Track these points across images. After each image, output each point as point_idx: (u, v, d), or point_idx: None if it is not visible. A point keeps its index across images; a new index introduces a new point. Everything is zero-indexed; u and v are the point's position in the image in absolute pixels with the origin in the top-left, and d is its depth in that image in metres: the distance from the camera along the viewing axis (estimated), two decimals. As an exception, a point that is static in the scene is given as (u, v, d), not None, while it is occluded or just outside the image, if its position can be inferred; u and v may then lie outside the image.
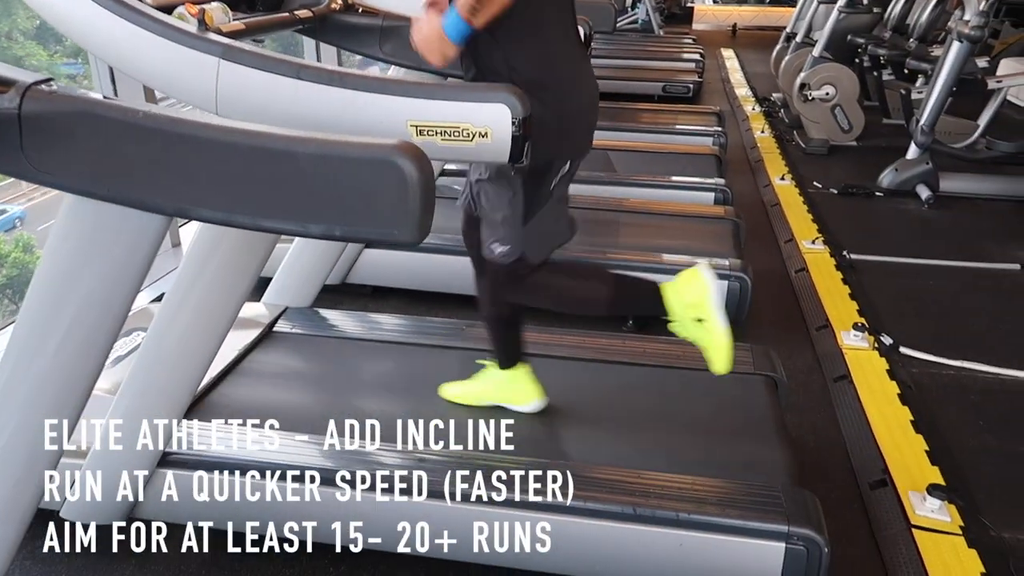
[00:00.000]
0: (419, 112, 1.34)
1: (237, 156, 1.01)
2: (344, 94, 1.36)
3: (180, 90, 1.45)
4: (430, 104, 1.34)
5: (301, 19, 1.95)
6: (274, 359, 2.25)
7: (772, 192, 4.38)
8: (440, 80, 2.21)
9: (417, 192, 0.99)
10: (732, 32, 11.30)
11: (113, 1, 1.38)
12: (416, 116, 1.34)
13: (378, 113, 1.36)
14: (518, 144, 1.35)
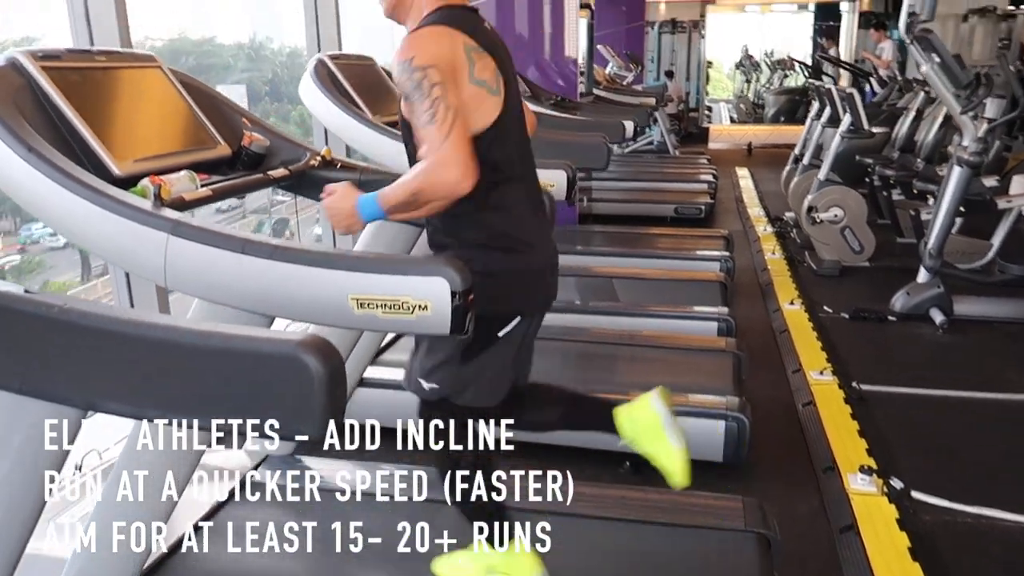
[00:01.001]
0: (359, 286, 1.34)
1: (144, 349, 1.01)
2: (287, 268, 1.36)
3: (131, 263, 1.47)
4: (370, 278, 1.33)
5: (276, 179, 2.00)
6: (249, 515, 2.17)
7: (781, 318, 4.31)
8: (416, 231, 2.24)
9: (322, 388, 0.97)
10: (748, 151, 11.51)
11: (65, 176, 1.42)
12: (357, 290, 1.34)
13: (320, 287, 1.36)
14: (458, 316, 1.33)
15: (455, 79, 1.54)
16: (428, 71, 1.52)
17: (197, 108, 2.02)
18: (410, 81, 1.53)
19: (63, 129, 1.65)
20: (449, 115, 1.50)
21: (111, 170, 1.65)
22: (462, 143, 1.50)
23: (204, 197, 1.70)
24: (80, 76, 1.75)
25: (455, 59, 1.56)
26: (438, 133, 1.49)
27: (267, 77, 28.69)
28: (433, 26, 1.61)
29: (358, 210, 1.59)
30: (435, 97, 1.50)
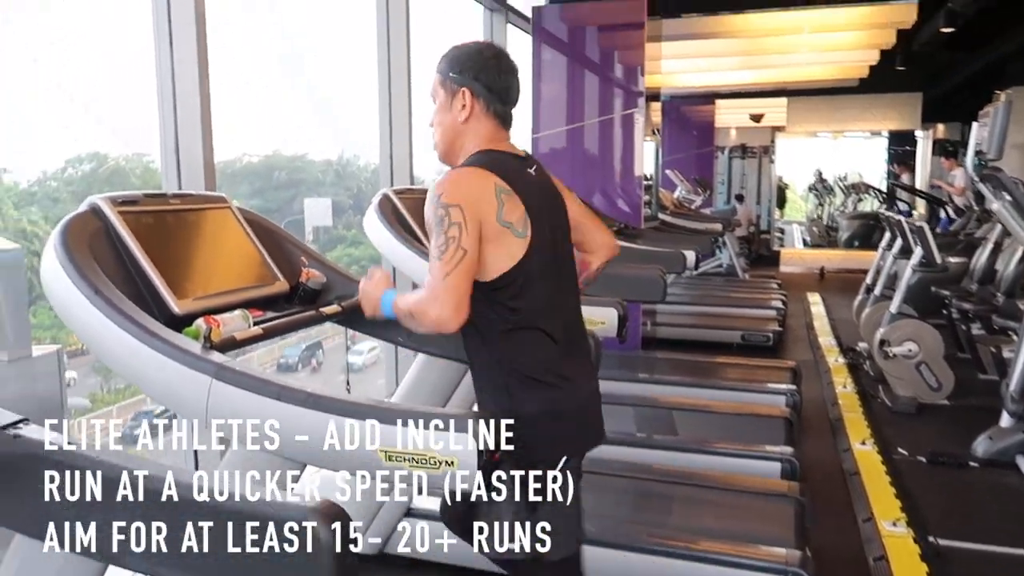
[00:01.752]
0: (388, 438, 1.34)
1: (160, 507, 1.02)
2: (319, 417, 1.39)
3: (176, 404, 1.52)
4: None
5: (327, 315, 2.06)
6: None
7: (852, 459, 4.09)
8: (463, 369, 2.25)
9: (332, 556, 0.96)
10: (820, 275, 11.32)
11: (122, 316, 1.50)
12: (385, 442, 1.34)
13: (351, 438, 1.37)
14: (487, 472, 1.31)
15: (478, 219, 1.64)
16: (451, 209, 1.63)
17: (260, 245, 2.13)
18: (434, 215, 1.65)
19: (132, 269, 1.76)
20: (457, 255, 1.60)
21: (171, 309, 1.74)
22: (459, 285, 1.60)
23: (255, 336, 1.76)
24: (153, 219, 1.88)
25: (483, 199, 1.66)
26: (441, 270, 1.60)
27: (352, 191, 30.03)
28: (469, 167, 1.74)
29: (382, 301, 1.78)
30: (450, 236, 1.60)
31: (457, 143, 1.82)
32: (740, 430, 3.96)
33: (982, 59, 10.22)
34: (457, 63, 1.79)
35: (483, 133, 1.80)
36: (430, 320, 1.60)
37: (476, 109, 1.78)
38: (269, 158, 34.52)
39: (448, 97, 1.80)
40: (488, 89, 1.78)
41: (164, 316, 1.70)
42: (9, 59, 5.99)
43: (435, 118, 1.85)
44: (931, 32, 8.69)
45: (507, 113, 1.84)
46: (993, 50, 9.78)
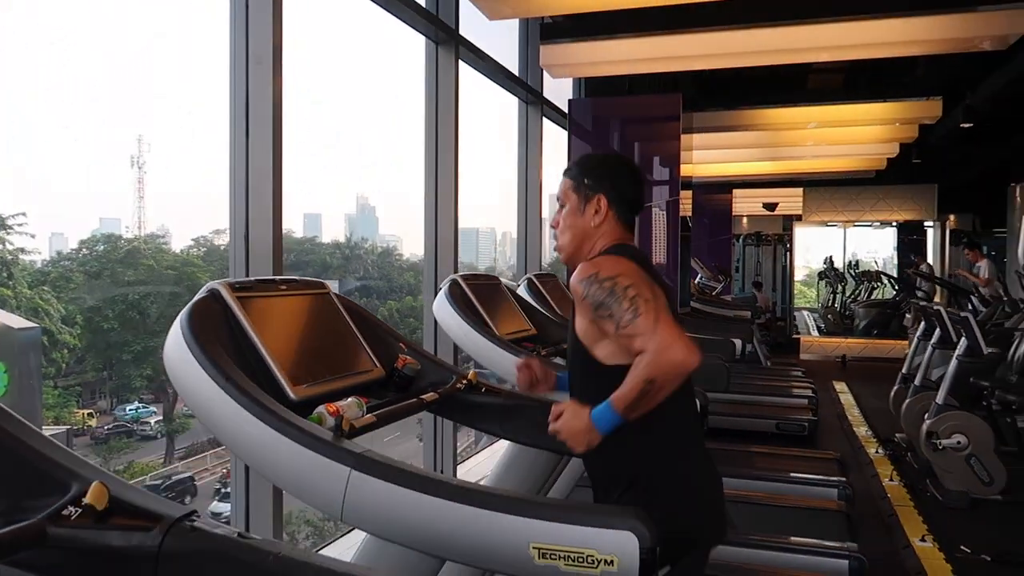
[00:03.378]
0: (542, 534, 1.30)
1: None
2: (468, 511, 1.35)
3: (309, 494, 1.49)
4: (554, 527, 1.30)
5: (427, 402, 2.04)
6: None
7: (915, 557, 3.97)
8: (556, 459, 2.21)
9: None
10: (842, 363, 11.26)
11: (255, 404, 1.49)
12: (539, 538, 1.30)
13: (501, 533, 1.33)
14: (646, 573, 1.26)
15: (652, 292, 1.63)
16: (617, 278, 1.63)
17: (358, 332, 2.13)
18: (600, 290, 1.63)
19: (249, 354, 1.75)
20: (651, 305, 1.58)
21: (288, 395, 1.72)
22: (673, 324, 1.57)
23: (370, 424, 1.74)
24: (266, 304, 1.89)
25: (636, 275, 1.67)
26: (646, 321, 1.56)
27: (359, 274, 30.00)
28: (610, 255, 1.77)
29: (594, 422, 1.63)
30: (632, 296, 1.59)
31: (586, 245, 1.85)
32: (798, 524, 3.85)
33: (995, 153, 10.46)
34: (594, 170, 1.86)
35: (612, 234, 1.85)
36: (675, 365, 1.54)
37: (609, 215, 1.83)
38: (280, 240, 33.92)
39: (581, 201, 1.85)
40: (622, 198, 1.84)
41: (281, 402, 1.68)
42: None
43: (564, 220, 1.88)
44: (949, 127, 8.92)
45: (633, 222, 1.90)
46: (1006, 144, 10.02)
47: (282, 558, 1.04)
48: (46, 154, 25.04)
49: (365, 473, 1.42)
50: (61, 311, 16.56)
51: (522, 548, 1.31)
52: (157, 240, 20.75)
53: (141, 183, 29.12)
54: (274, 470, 1.51)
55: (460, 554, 1.39)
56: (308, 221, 52.02)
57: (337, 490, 1.43)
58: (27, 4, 20.93)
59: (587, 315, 1.69)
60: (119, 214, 24.71)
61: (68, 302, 16.83)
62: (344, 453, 1.45)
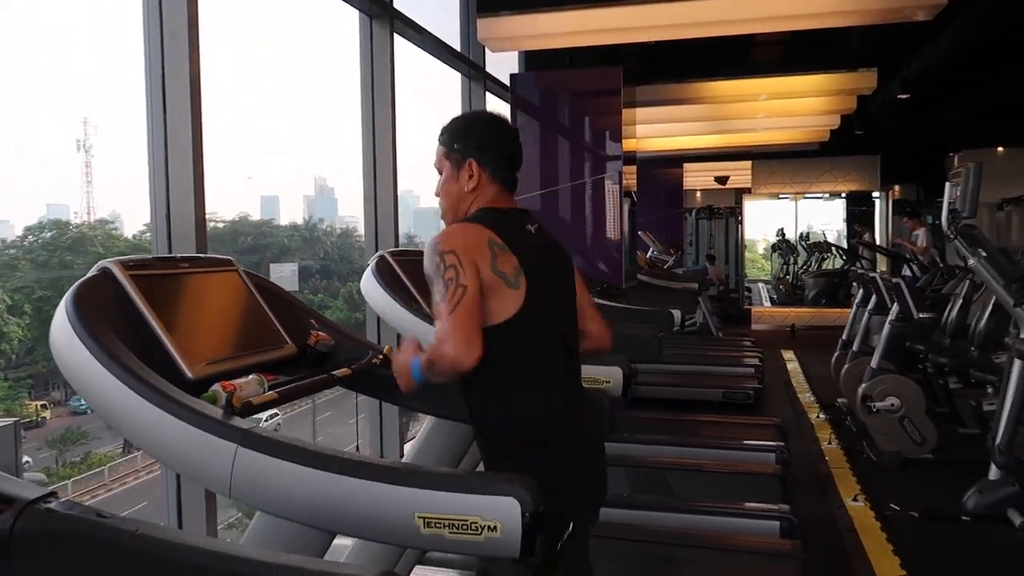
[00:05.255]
0: (427, 504, 1.30)
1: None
2: (354, 483, 1.34)
3: (197, 472, 1.46)
4: (438, 496, 1.30)
5: (339, 378, 2.02)
6: None
7: (846, 515, 4.08)
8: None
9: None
10: (791, 332, 11.48)
11: (138, 381, 1.46)
12: (424, 508, 1.30)
13: (386, 504, 1.32)
14: (529, 539, 1.27)
15: (474, 264, 1.66)
16: (446, 256, 1.66)
17: (268, 309, 2.10)
18: (432, 265, 1.67)
19: (143, 333, 1.70)
20: (457, 293, 1.61)
21: (184, 374, 1.69)
22: (464, 320, 1.60)
23: (270, 400, 1.71)
24: (163, 282, 1.84)
25: (477, 249, 1.69)
26: (444, 308, 1.61)
27: (319, 255, 29.56)
28: (463, 223, 1.79)
29: (412, 369, 1.72)
30: (448, 278, 1.63)
31: (462, 208, 1.85)
32: (734, 489, 3.92)
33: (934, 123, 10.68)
34: (461, 135, 1.84)
35: (487, 197, 1.84)
36: (447, 361, 1.60)
37: (483, 178, 1.82)
38: (235, 223, 33.94)
39: (454, 168, 1.84)
40: (493, 158, 1.83)
41: (177, 381, 1.65)
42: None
43: (442, 188, 1.88)
44: (887, 98, 9.07)
45: (512, 178, 1.88)
46: (944, 114, 10.23)
47: (139, 536, 1.02)
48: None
49: (251, 449, 1.40)
50: (7, 300, 16.11)
51: (408, 518, 1.31)
52: (107, 226, 20.23)
53: (88, 167, 28.26)
54: (162, 450, 1.48)
55: (347, 527, 1.38)
56: (265, 204, 51.08)
57: (224, 467, 1.40)
58: (-43, -16, 20.14)
59: None
60: (67, 200, 24.02)
61: (14, 291, 16.36)
62: (230, 429, 1.42)
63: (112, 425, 1.53)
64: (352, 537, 1.44)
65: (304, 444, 1.41)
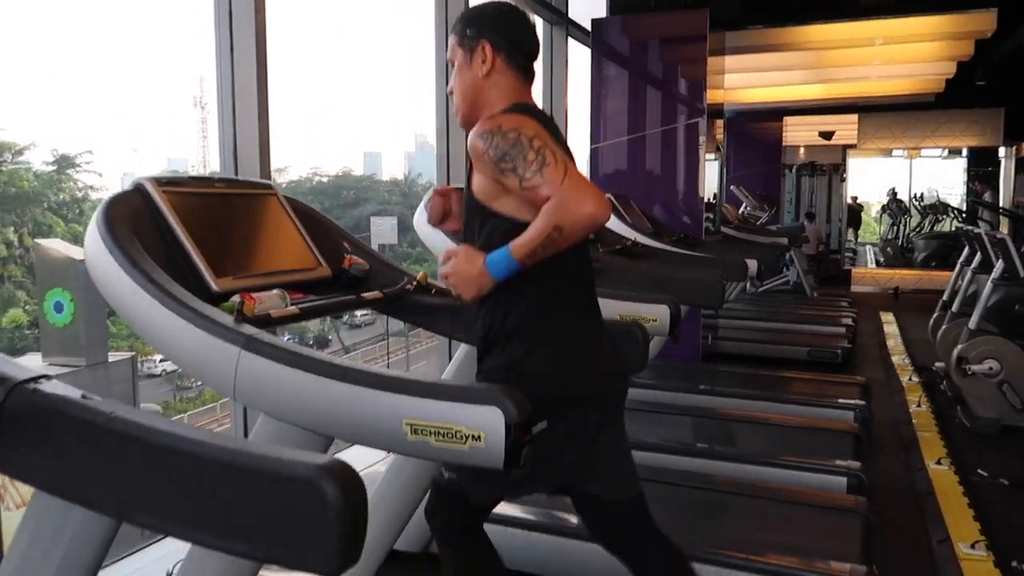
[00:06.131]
0: (414, 411, 1.29)
1: (169, 461, 0.99)
2: (345, 388, 1.35)
3: (206, 375, 1.51)
4: (424, 403, 1.29)
5: (368, 301, 2.03)
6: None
7: (926, 478, 3.85)
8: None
9: (339, 520, 0.90)
10: (894, 295, 10.87)
11: (155, 287, 1.50)
12: (411, 415, 1.29)
13: (376, 409, 1.32)
14: (513, 450, 1.24)
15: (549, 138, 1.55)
16: (522, 130, 1.54)
17: (305, 232, 2.12)
18: (504, 141, 1.53)
19: (172, 247, 1.76)
20: (559, 156, 1.50)
21: (210, 286, 1.73)
22: (583, 177, 1.51)
23: (291, 315, 1.74)
24: (197, 201, 1.89)
25: (543, 130, 1.58)
26: (554, 172, 1.49)
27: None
28: (511, 113, 1.66)
29: (488, 268, 1.58)
30: (538, 147, 1.51)
31: (480, 99, 1.72)
32: (805, 444, 3.77)
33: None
34: (473, 20, 1.73)
35: (506, 87, 1.72)
36: (585, 216, 1.45)
37: (498, 62, 1.70)
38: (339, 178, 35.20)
39: (467, 55, 1.72)
40: (508, 40, 1.71)
41: (203, 294, 1.69)
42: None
43: (456, 81, 1.76)
44: (1013, 43, 8.30)
45: (529, 65, 1.76)
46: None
47: (113, 416, 1.05)
48: (118, 97, 25.63)
49: (253, 353, 1.42)
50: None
51: (396, 424, 1.30)
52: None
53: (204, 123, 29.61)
54: (175, 352, 1.53)
55: (340, 431, 1.40)
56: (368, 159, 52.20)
57: (229, 369, 1.44)
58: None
59: (488, 171, 1.58)
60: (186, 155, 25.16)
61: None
62: (235, 334, 1.45)
63: (134, 329, 1.59)
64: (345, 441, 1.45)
65: (304, 351, 1.42)
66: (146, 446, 1.02)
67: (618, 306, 2.47)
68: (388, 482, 2.38)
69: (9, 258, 20.03)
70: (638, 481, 1.79)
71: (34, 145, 24.76)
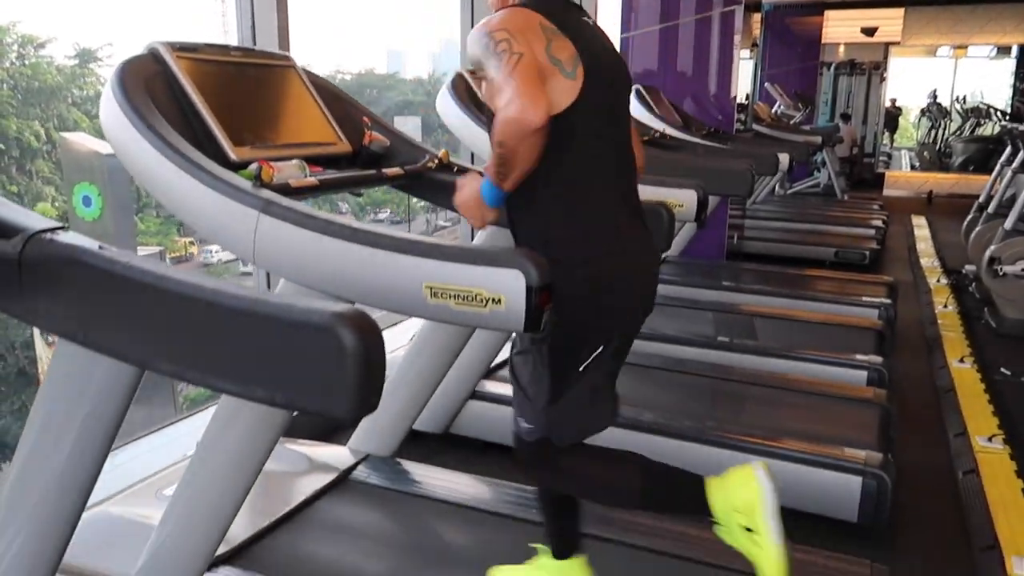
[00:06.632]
0: (434, 274, 1.28)
1: (185, 309, 0.99)
2: (365, 252, 1.33)
3: (225, 239, 1.50)
4: (445, 266, 1.27)
5: (389, 177, 2.00)
6: (339, 509, 2.18)
7: (948, 376, 3.84)
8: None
9: (357, 365, 0.90)
10: (927, 199, 10.61)
11: (173, 151, 1.47)
12: (431, 278, 1.28)
13: (396, 272, 1.31)
14: (534, 314, 1.23)
15: (528, 43, 1.47)
16: (496, 33, 1.47)
17: (324, 107, 2.07)
18: (479, 46, 1.49)
19: (189, 114, 1.72)
20: (514, 58, 1.42)
21: (227, 155, 1.70)
22: (525, 77, 1.41)
23: (311, 186, 1.72)
24: (213, 68, 1.83)
25: (529, 31, 1.50)
26: (502, 75, 1.42)
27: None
28: (509, 7, 1.59)
29: (482, 195, 1.52)
30: (500, 51, 1.44)
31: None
32: (827, 339, 3.76)
33: None
34: None
35: None
36: (517, 124, 1.37)
37: None
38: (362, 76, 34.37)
39: None
40: None
41: (220, 162, 1.66)
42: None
43: None
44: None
45: None
46: None
47: (131, 265, 1.04)
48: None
49: (272, 216, 1.41)
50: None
51: (416, 288, 1.29)
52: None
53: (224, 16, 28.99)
54: (194, 217, 1.52)
55: (360, 295, 1.39)
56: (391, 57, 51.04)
57: (248, 233, 1.43)
58: None
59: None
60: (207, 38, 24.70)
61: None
62: (253, 198, 1.43)
63: (152, 193, 1.57)
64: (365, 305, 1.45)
65: (322, 214, 1.40)
66: (166, 295, 1.02)
67: (644, 191, 2.40)
68: (409, 362, 2.41)
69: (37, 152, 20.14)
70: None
71: (55, 39, 24.42)
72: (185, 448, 2.56)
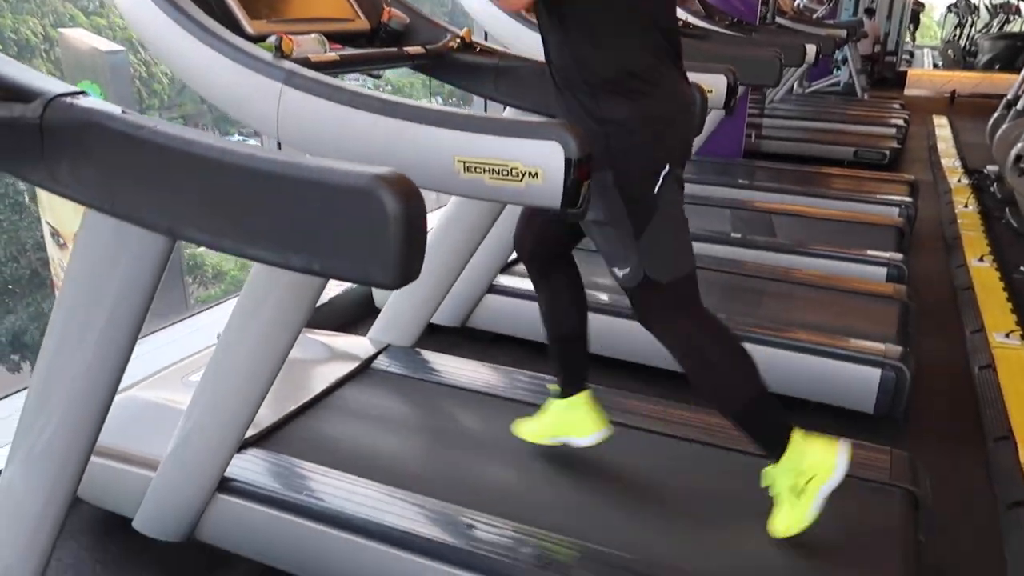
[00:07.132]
0: (466, 147, 1.23)
1: (219, 174, 0.95)
2: (394, 124, 1.28)
3: (247, 113, 1.44)
4: (478, 139, 1.22)
5: (411, 56, 1.91)
6: (361, 397, 2.20)
7: (966, 274, 3.82)
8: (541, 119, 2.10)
9: (399, 229, 0.87)
10: (950, 99, 10.31)
11: (190, 21, 1.40)
12: (463, 151, 1.23)
13: (426, 145, 1.26)
14: (572, 188, 1.19)
15: None
16: None
17: (341, -19, 1.96)
18: None
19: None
20: None
21: (244, 28, 1.62)
22: None
23: (331, 61, 1.64)
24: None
25: None
26: None
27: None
28: None
29: None
30: None
31: None
32: (848, 237, 3.71)
33: None
34: None
35: None
36: None
37: None
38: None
39: None
40: None
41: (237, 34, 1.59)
42: None
43: None
44: None
45: None
46: None
47: (156, 130, 1.00)
48: None
49: (296, 88, 1.35)
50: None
51: (447, 162, 1.25)
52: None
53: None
54: (215, 91, 1.46)
55: (389, 170, 1.34)
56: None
57: (271, 106, 1.37)
58: None
59: None
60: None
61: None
62: (275, 69, 1.37)
63: (170, 68, 1.51)
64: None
65: (348, 85, 1.34)
66: (197, 159, 0.97)
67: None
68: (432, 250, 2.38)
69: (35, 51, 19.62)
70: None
71: (45, -74, 23.45)
72: (204, 340, 2.58)
